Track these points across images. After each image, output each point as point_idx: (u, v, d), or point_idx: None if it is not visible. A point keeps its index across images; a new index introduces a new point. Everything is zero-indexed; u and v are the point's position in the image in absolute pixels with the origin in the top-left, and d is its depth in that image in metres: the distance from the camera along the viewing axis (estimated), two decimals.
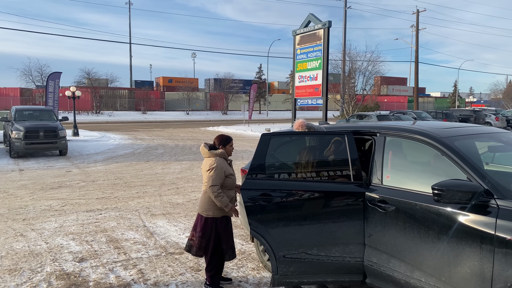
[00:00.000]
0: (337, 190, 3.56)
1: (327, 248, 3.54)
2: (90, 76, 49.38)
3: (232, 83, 56.37)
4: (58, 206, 7.63)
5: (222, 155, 4.01)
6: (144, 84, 65.23)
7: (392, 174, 3.51)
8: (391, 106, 59.76)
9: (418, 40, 39.03)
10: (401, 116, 23.22)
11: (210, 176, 3.86)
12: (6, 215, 6.99)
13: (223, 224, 4.02)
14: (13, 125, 14.62)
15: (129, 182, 10.05)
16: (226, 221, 4.05)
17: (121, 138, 21.65)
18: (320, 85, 21.43)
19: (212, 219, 4.00)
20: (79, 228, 6.21)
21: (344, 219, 3.51)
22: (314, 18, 21.87)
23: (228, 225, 4.08)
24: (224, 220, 4.03)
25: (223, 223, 4.02)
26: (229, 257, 4.08)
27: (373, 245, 3.45)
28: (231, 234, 4.11)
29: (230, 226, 4.11)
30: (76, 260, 4.92)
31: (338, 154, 3.73)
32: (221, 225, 4.01)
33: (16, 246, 5.41)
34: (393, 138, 3.61)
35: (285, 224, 3.58)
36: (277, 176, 3.84)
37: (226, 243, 4.05)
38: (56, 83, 22.56)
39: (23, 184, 9.76)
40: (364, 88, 32.82)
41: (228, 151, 4.13)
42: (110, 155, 15.49)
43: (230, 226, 4.12)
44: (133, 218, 6.81)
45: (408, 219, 3.17)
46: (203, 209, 4.03)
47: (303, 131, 4.27)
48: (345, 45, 34.95)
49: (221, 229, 4.01)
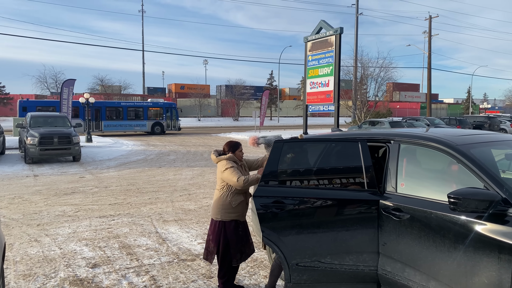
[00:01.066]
0: (351, 197, 3.53)
1: (341, 256, 3.50)
2: (103, 83, 50.10)
3: (243, 90, 56.56)
4: (72, 211, 7.70)
5: (231, 159, 4.06)
6: (157, 90, 65.83)
7: (407, 182, 3.47)
8: (403, 113, 59.32)
9: (430, 46, 38.78)
10: (414, 123, 23.02)
11: (228, 175, 3.90)
12: (21, 220, 7.08)
13: (232, 228, 4.01)
14: (28, 131, 14.84)
15: (141, 188, 10.11)
16: (236, 225, 4.04)
17: (133, 144, 21.83)
18: (331, 91, 21.38)
19: (220, 222, 4.02)
20: (92, 234, 6.26)
21: (358, 227, 3.47)
22: (326, 25, 21.88)
23: (238, 229, 4.05)
24: (233, 224, 4.02)
25: (232, 227, 4.01)
26: (237, 261, 4.05)
27: (388, 254, 3.40)
28: (240, 238, 4.07)
29: (240, 230, 4.08)
30: (89, 266, 4.95)
31: (352, 161, 3.70)
32: (229, 228, 4.01)
33: (31, 251, 5.47)
34: (407, 146, 3.57)
35: (298, 232, 3.55)
36: (290, 183, 3.82)
37: (234, 247, 4.02)
38: (70, 90, 22.89)
39: (38, 190, 9.88)
40: (376, 94, 32.66)
41: (238, 156, 4.15)
42: (122, 161, 15.62)
43: (241, 230, 4.09)
44: (146, 224, 6.84)
45: (423, 228, 3.12)
46: (213, 213, 4.10)
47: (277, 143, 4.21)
48: (357, 51, 34.91)
49: (230, 233, 4.01)
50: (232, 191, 4.00)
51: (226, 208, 4.00)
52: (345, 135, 3.98)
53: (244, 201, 4.10)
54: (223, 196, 4.03)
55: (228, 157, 4.06)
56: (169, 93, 65.33)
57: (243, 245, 4.10)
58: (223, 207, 4.00)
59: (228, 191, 4.01)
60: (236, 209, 4.03)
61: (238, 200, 4.02)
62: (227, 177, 3.92)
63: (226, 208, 4.00)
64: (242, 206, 4.08)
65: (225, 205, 4.01)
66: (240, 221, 4.09)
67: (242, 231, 4.11)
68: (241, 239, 4.08)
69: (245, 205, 4.14)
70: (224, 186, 4.03)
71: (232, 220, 4.02)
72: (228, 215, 4.00)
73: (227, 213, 4.00)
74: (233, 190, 4.00)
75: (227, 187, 4.01)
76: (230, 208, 4.00)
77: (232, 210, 4.01)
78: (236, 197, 4.01)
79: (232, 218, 4.02)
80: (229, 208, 4.00)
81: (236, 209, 4.02)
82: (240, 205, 4.04)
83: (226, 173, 3.93)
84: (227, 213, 4.00)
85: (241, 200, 4.06)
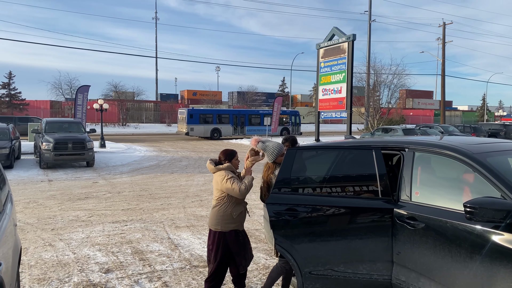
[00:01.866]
0: (365, 206, 3.51)
1: (354, 265, 3.47)
2: (117, 89, 50.59)
3: (255, 96, 56.75)
4: (85, 216, 7.78)
5: (229, 168, 4.02)
6: (169, 97, 66.33)
7: (421, 190, 3.43)
8: (416, 120, 58.78)
9: (444, 53, 38.45)
10: (428, 130, 22.79)
11: (230, 186, 3.86)
12: (36, 224, 7.17)
13: (232, 237, 3.98)
14: (43, 136, 15.06)
15: (154, 194, 10.17)
16: (236, 234, 4.01)
17: (146, 150, 21.99)
18: (344, 98, 21.32)
19: (220, 233, 3.98)
20: (105, 239, 6.31)
21: (372, 235, 3.44)
22: (338, 32, 21.88)
23: (239, 237, 4.03)
24: (233, 233, 3.99)
25: (232, 237, 3.98)
26: (243, 268, 4.05)
27: (402, 263, 3.36)
28: (243, 246, 4.05)
29: (241, 238, 4.05)
30: (102, 271, 4.98)
31: (366, 169, 3.68)
32: (230, 238, 3.98)
33: (45, 256, 5.53)
34: (422, 154, 3.54)
35: (311, 240, 3.53)
36: (303, 191, 3.81)
37: (238, 255, 4.01)
38: (85, 96, 23.21)
39: (52, 195, 10.00)
40: (389, 101, 32.44)
41: (235, 164, 4.11)
42: (135, 166, 15.74)
43: (242, 238, 4.07)
44: (158, 230, 6.87)
45: (439, 237, 3.08)
46: (212, 224, 4.04)
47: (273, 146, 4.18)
48: (370, 58, 34.80)
49: (231, 242, 3.98)
50: (233, 202, 3.96)
51: (227, 219, 3.96)
52: (358, 143, 3.96)
53: (244, 211, 4.08)
54: (223, 208, 3.96)
55: (226, 167, 4.02)
56: (181, 99, 65.79)
57: (246, 252, 4.09)
58: (223, 218, 3.95)
59: (228, 201, 3.95)
60: (237, 219, 4.00)
61: (239, 210, 3.99)
62: (229, 188, 3.87)
63: (226, 219, 3.96)
64: (242, 215, 4.06)
65: (226, 216, 3.95)
66: (239, 230, 4.06)
67: (243, 238, 4.08)
68: (244, 246, 4.06)
69: (245, 214, 4.11)
70: (224, 197, 3.96)
71: (231, 230, 3.99)
72: (228, 225, 3.97)
73: (227, 224, 3.96)
74: (234, 201, 3.95)
75: (228, 198, 3.95)
76: (231, 219, 3.96)
77: (233, 220, 3.97)
78: (237, 208, 3.98)
79: (231, 229, 3.98)
80: (229, 219, 3.96)
81: (236, 219, 3.99)
82: (240, 215, 4.02)
83: (227, 184, 3.87)
84: (227, 223, 3.96)
85: (242, 210, 4.04)
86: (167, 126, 49.22)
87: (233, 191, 3.85)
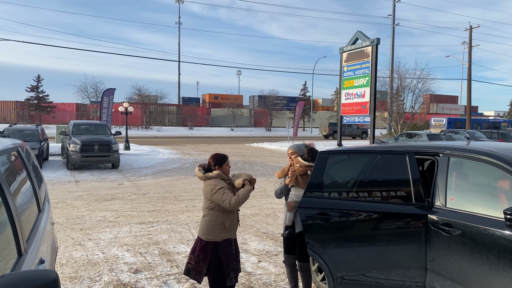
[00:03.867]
0: (397, 211, 3.46)
1: (387, 271, 3.43)
2: (141, 92, 51.42)
3: (276, 100, 56.64)
4: (112, 217, 7.91)
5: (219, 177, 3.78)
6: (191, 100, 67.04)
7: (457, 196, 3.37)
8: None
9: (471, 57, 37.65)
10: (453, 136, 22.32)
11: (220, 198, 3.66)
12: (65, 224, 7.33)
13: (224, 248, 3.78)
14: (71, 138, 15.42)
15: (178, 196, 10.27)
16: (228, 244, 3.81)
17: (169, 152, 22.24)
18: (367, 102, 21.10)
19: (212, 243, 3.76)
20: (132, 240, 6.40)
21: (405, 241, 3.39)
22: (362, 35, 21.70)
23: (231, 248, 3.82)
24: (225, 243, 3.79)
25: (224, 247, 3.78)
26: (230, 280, 3.78)
27: (436, 270, 3.30)
28: (233, 256, 3.83)
29: (232, 248, 3.84)
30: (132, 271, 5.06)
31: (398, 174, 3.63)
32: (221, 248, 3.77)
33: (75, 255, 5.65)
34: (457, 159, 3.47)
35: (343, 245, 3.51)
36: (335, 195, 3.78)
37: (227, 266, 3.77)
38: (110, 99, 23.66)
39: (79, 195, 10.22)
40: (413, 106, 31.93)
41: (225, 170, 3.87)
42: (159, 169, 15.94)
43: (233, 249, 3.86)
44: (184, 231, 6.93)
45: (476, 245, 3.01)
46: (202, 233, 3.82)
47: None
48: (393, 62, 34.38)
49: (222, 252, 3.76)
50: (224, 211, 3.74)
51: (219, 228, 3.76)
52: (391, 147, 3.91)
53: (236, 219, 3.88)
54: (214, 217, 3.76)
55: (216, 175, 3.77)
56: (203, 103, 66.36)
57: (236, 263, 3.87)
58: (215, 228, 3.76)
59: (220, 211, 3.75)
60: (229, 228, 3.80)
61: (231, 218, 3.80)
62: (219, 200, 3.67)
63: (218, 229, 3.76)
64: (234, 223, 3.86)
65: (218, 225, 3.76)
66: (232, 239, 3.86)
67: (235, 249, 3.88)
68: (235, 257, 3.85)
69: (237, 222, 3.91)
70: (214, 206, 3.77)
71: (224, 239, 3.79)
72: (220, 235, 3.76)
73: (219, 233, 3.76)
74: (225, 210, 3.73)
75: (219, 207, 3.75)
76: (223, 227, 3.77)
77: (225, 229, 3.78)
78: (229, 216, 3.78)
79: (224, 238, 3.78)
80: (222, 228, 3.77)
81: (229, 228, 3.80)
82: (233, 223, 3.83)
83: (216, 195, 3.66)
84: (219, 233, 3.76)
85: (234, 218, 3.85)
86: (189, 129, 49.73)
87: (223, 203, 3.65)
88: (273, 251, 5.94)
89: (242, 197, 3.68)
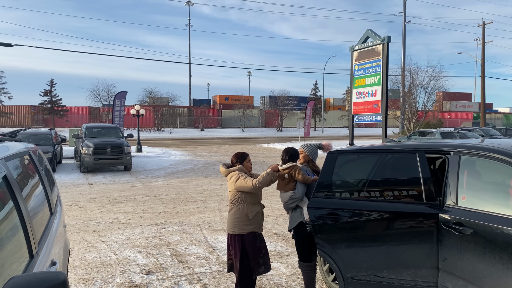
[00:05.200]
0: (408, 210, 3.43)
1: (398, 271, 3.40)
2: (152, 95, 51.71)
3: (287, 100, 56.48)
4: (125, 219, 7.98)
5: (241, 170, 4.04)
6: (202, 102, 67.25)
7: (468, 195, 3.32)
8: (455, 123, 56.97)
9: (484, 53, 37.16)
10: (467, 134, 22.03)
11: (243, 182, 3.86)
12: (78, 226, 7.42)
13: (249, 240, 3.94)
14: (84, 141, 15.60)
15: (189, 197, 10.32)
16: (253, 237, 3.96)
17: (181, 154, 22.37)
18: (379, 101, 20.97)
19: (239, 236, 3.95)
20: (144, 241, 6.45)
21: (416, 241, 3.36)
22: (373, 34, 21.57)
23: (256, 241, 3.98)
24: (250, 236, 3.95)
25: (249, 239, 3.94)
26: (256, 273, 3.96)
27: (448, 270, 3.26)
28: (259, 250, 3.98)
29: (258, 242, 4.00)
30: (144, 272, 5.10)
31: (409, 173, 3.60)
32: (247, 241, 3.93)
33: (89, 257, 5.71)
34: (468, 157, 3.42)
35: (353, 245, 3.49)
36: (345, 195, 3.76)
37: (254, 259, 3.93)
38: (122, 102, 23.87)
39: (92, 198, 10.34)
40: (426, 104, 31.57)
41: (247, 167, 4.12)
42: (171, 170, 16.03)
43: (259, 242, 4.01)
44: (195, 232, 6.96)
45: (488, 244, 2.97)
46: (229, 227, 4.02)
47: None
48: (405, 60, 34.09)
49: (248, 245, 3.93)
50: (247, 203, 3.94)
51: (243, 220, 3.93)
52: (401, 146, 3.87)
53: (260, 212, 4.04)
54: (238, 209, 3.95)
55: (238, 168, 4.05)
56: (213, 104, 66.55)
57: (262, 257, 3.99)
58: (239, 220, 3.93)
59: (243, 203, 3.94)
60: (253, 220, 3.96)
61: (254, 211, 3.96)
62: (241, 185, 3.86)
63: (243, 221, 3.93)
64: (259, 217, 4.01)
65: (242, 217, 3.93)
66: (257, 233, 4.01)
67: (260, 242, 4.02)
68: (260, 251, 3.99)
69: (261, 215, 4.07)
70: (238, 198, 3.96)
71: (249, 232, 3.95)
72: (245, 227, 3.93)
73: (244, 226, 3.93)
74: (248, 201, 3.94)
75: (242, 199, 3.94)
76: (247, 220, 3.93)
77: (249, 222, 3.94)
78: (252, 208, 3.96)
79: (249, 230, 3.94)
80: (246, 220, 3.93)
81: (253, 220, 3.95)
82: (256, 216, 3.98)
83: (239, 182, 3.88)
84: (244, 225, 3.93)
85: (258, 211, 4.00)
86: (200, 131, 49.91)
87: (246, 186, 3.83)
88: (284, 251, 5.93)
89: (264, 179, 3.85)
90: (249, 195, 3.94)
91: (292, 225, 4.12)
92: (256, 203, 4.01)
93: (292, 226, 4.11)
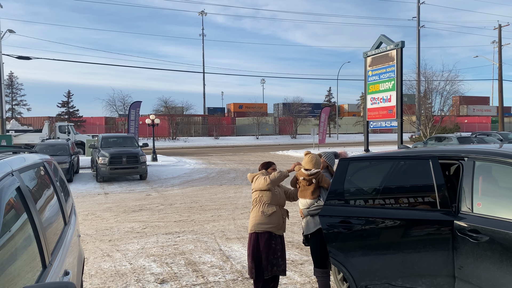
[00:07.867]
0: (422, 218, 3.38)
1: (413, 279, 3.34)
2: (167, 104, 52.23)
3: (301, 107, 56.37)
4: (140, 228, 8.04)
5: (263, 174, 4.24)
6: (216, 110, 67.60)
7: (484, 201, 3.26)
8: (472, 127, 56.02)
9: (501, 56, 36.56)
10: (485, 138, 21.65)
11: (259, 179, 4.12)
12: (94, 236, 7.50)
13: (265, 239, 4.02)
14: (100, 151, 15.82)
15: (204, 206, 10.35)
16: (268, 237, 4.04)
17: (195, 162, 22.48)
18: (394, 106, 20.77)
19: (254, 233, 4.07)
20: (159, 250, 6.48)
21: (431, 249, 3.30)
22: (386, 39, 21.44)
23: (271, 241, 4.04)
24: (265, 235, 4.03)
25: (264, 238, 4.02)
26: (267, 273, 4.00)
27: (464, 278, 3.19)
28: (274, 251, 4.05)
29: (274, 243, 4.06)
30: (158, 281, 5.12)
31: (422, 180, 3.55)
32: (261, 239, 4.02)
33: (104, 266, 5.76)
34: (483, 163, 3.36)
35: (366, 253, 3.44)
36: (358, 202, 3.73)
37: (266, 259, 4.00)
38: (137, 111, 24.17)
39: (108, 207, 10.45)
40: (442, 108, 31.16)
41: (270, 173, 4.26)
42: (186, 179, 16.12)
43: (275, 243, 4.07)
44: (209, 241, 6.97)
45: (505, 251, 2.90)
46: (249, 228, 4.18)
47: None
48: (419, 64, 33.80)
49: (262, 243, 4.01)
50: (264, 202, 4.09)
51: (260, 219, 4.06)
52: (414, 152, 3.83)
53: (277, 212, 4.11)
54: (256, 209, 4.13)
55: (260, 173, 4.28)
56: (228, 112, 66.84)
57: (276, 259, 4.04)
58: (256, 219, 4.08)
59: (260, 202, 4.11)
60: (270, 219, 4.04)
61: (270, 210, 4.06)
62: (258, 183, 4.10)
63: (259, 220, 4.06)
64: (276, 217, 4.08)
65: (258, 216, 4.08)
66: (274, 234, 4.07)
67: (276, 244, 4.07)
68: (275, 252, 4.04)
69: (280, 217, 4.13)
70: (256, 198, 4.16)
71: (265, 231, 4.03)
72: (261, 226, 4.04)
73: (260, 224, 4.04)
74: (264, 201, 4.08)
75: (259, 198, 4.12)
76: (263, 218, 4.04)
77: (265, 221, 4.03)
78: (268, 208, 4.07)
79: (265, 229, 4.03)
80: (262, 219, 4.05)
81: (269, 219, 4.04)
82: (273, 215, 4.05)
83: (258, 180, 4.11)
84: (260, 224, 4.04)
85: (274, 211, 4.08)
86: (215, 139, 50.10)
87: (261, 183, 4.05)
88: (298, 260, 5.89)
89: (277, 175, 4.08)
90: (265, 195, 4.09)
91: (310, 230, 4.13)
92: (273, 204, 4.11)
93: (310, 232, 4.11)
